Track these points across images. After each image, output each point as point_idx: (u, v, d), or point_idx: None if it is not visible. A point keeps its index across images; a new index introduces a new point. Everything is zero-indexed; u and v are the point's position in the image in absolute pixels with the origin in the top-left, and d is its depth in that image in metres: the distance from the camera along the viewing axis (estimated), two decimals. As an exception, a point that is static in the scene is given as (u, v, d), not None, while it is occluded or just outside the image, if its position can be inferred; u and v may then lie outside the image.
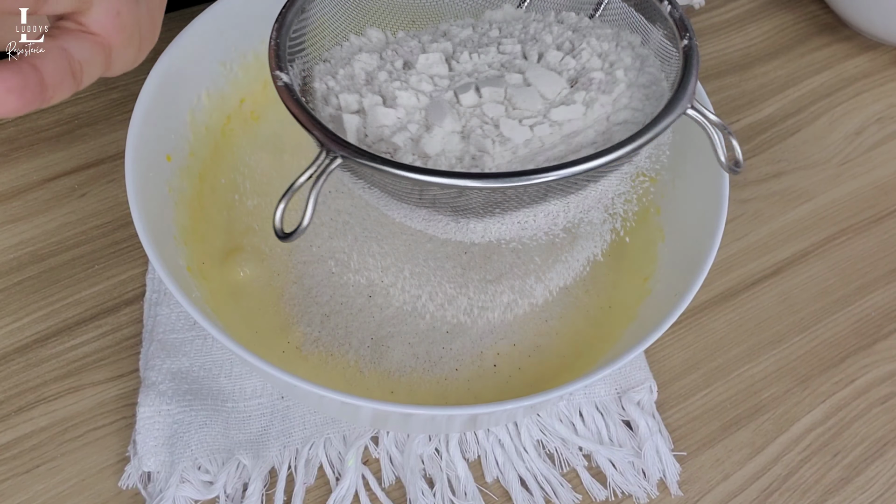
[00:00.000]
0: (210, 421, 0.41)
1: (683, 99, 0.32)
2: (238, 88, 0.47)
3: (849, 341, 0.48)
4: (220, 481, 0.40)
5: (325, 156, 0.29)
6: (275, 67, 0.32)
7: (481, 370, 0.42)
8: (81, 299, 0.46)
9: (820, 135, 0.59)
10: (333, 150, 0.29)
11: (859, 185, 0.56)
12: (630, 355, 0.34)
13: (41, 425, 0.41)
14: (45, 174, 0.50)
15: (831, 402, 0.46)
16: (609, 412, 0.44)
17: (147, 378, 0.42)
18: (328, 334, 0.42)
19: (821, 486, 0.43)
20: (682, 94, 0.32)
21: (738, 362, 0.47)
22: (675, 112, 0.31)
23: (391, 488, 0.41)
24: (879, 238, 0.53)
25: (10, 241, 0.47)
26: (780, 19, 0.66)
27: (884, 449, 0.44)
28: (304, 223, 0.28)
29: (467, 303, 0.42)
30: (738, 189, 0.54)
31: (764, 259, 0.51)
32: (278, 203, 0.29)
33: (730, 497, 0.42)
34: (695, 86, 0.32)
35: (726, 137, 0.32)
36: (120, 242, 0.48)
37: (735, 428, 0.44)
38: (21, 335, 0.44)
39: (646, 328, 0.36)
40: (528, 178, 0.29)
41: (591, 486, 0.41)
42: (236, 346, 0.32)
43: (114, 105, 0.54)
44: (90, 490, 0.40)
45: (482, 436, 0.42)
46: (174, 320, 0.44)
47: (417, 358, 0.41)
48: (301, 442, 0.41)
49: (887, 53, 0.64)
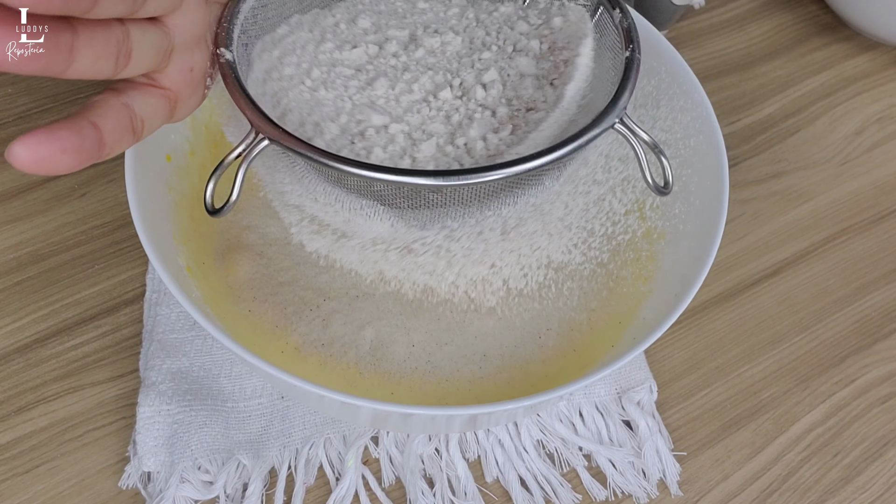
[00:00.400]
0: (210, 421, 0.41)
1: (612, 113, 0.31)
2: (238, 88, 0.47)
3: (849, 341, 0.48)
4: (220, 481, 0.40)
5: (254, 136, 0.30)
6: (221, 44, 0.32)
7: (481, 370, 0.42)
8: (81, 299, 0.46)
9: (820, 135, 0.59)
10: (262, 131, 0.30)
11: (859, 185, 0.56)
12: (630, 355, 0.34)
13: (41, 425, 0.41)
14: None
15: (831, 402, 0.46)
16: (609, 412, 0.44)
17: (147, 378, 0.42)
18: (327, 336, 0.42)
19: (821, 486, 0.43)
20: (612, 107, 0.31)
21: (738, 362, 0.47)
22: (601, 125, 0.31)
23: (391, 488, 0.41)
24: (879, 238, 0.53)
25: (10, 241, 0.47)
26: (780, 19, 0.66)
27: (884, 449, 0.44)
28: (233, 198, 0.29)
29: (469, 303, 0.42)
30: (738, 189, 0.54)
31: (764, 259, 0.51)
32: (208, 180, 0.30)
33: (730, 497, 0.42)
34: (627, 100, 0.32)
35: (658, 157, 0.32)
36: (120, 242, 0.48)
37: (735, 428, 0.44)
38: (21, 335, 0.44)
39: (646, 328, 0.36)
40: (456, 177, 0.29)
41: (591, 486, 0.41)
42: (236, 346, 0.32)
43: (114, 105, 0.54)
44: (90, 490, 0.40)
45: (482, 436, 0.42)
46: (174, 320, 0.44)
47: (418, 359, 0.41)
48: (301, 442, 0.41)
49: (887, 53, 0.64)
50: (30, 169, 0.22)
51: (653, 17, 0.59)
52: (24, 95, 0.54)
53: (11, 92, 0.54)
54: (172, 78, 0.28)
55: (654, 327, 0.35)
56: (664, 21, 0.61)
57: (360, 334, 0.42)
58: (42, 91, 0.54)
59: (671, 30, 0.64)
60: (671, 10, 0.60)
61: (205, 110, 0.45)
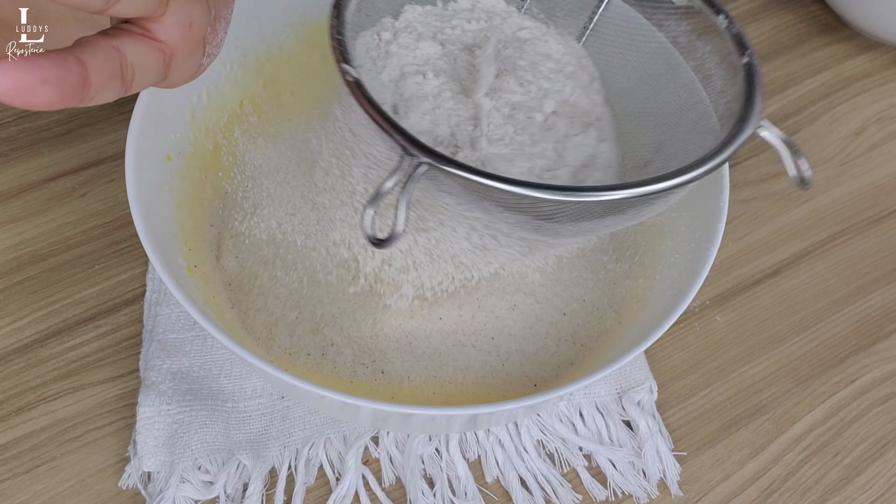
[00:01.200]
0: (210, 421, 0.41)
1: (752, 119, 0.31)
2: (238, 88, 0.47)
3: (849, 341, 0.48)
4: (220, 481, 0.40)
5: (408, 162, 0.27)
6: (340, 59, 0.29)
7: (483, 370, 0.42)
8: (81, 299, 0.46)
9: (820, 135, 0.59)
10: (417, 155, 0.27)
11: (859, 185, 0.56)
12: (630, 355, 0.34)
13: (41, 425, 0.41)
14: (46, 174, 0.50)
15: (831, 402, 0.46)
16: (609, 412, 0.44)
17: (147, 378, 0.42)
18: (321, 342, 0.41)
19: (821, 486, 0.43)
20: (750, 113, 0.31)
21: (738, 362, 0.47)
22: (745, 132, 0.31)
23: (391, 488, 0.41)
24: (880, 238, 0.53)
25: (10, 241, 0.47)
26: (780, 19, 0.66)
27: (884, 449, 0.44)
28: (398, 230, 0.26)
29: (470, 302, 0.42)
30: (738, 189, 0.54)
31: (764, 259, 0.51)
32: (365, 209, 0.26)
33: (730, 497, 0.42)
34: (762, 104, 0.32)
35: (795, 154, 0.32)
36: (120, 242, 0.48)
37: (735, 428, 0.44)
38: (21, 335, 0.44)
39: (646, 328, 0.36)
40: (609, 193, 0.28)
41: (591, 486, 0.41)
42: (237, 347, 0.32)
43: (114, 105, 0.54)
44: (90, 490, 0.40)
45: (482, 436, 0.42)
46: (174, 320, 0.44)
47: (417, 366, 0.41)
48: (301, 442, 0.41)
49: (887, 53, 0.64)
50: (5, 97, 0.21)
51: (653, 17, 0.59)
52: (24, 95, 0.54)
53: (11, 92, 0.54)
54: (169, 31, 0.25)
55: (654, 327, 0.35)
56: (664, 21, 0.61)
57: (360, 345, 0.42)
58: (42, 91, 0.54)
59: (671, 30, 0.64)
60: (671, 10, 0.60)
61: (205, 110, 0.45)
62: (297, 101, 0.50)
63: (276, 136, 0.48)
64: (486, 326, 0.42)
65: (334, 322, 0.41)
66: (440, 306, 0.42)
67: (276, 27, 0.48)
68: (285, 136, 0.48)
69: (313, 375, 0.40)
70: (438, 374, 0.41)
